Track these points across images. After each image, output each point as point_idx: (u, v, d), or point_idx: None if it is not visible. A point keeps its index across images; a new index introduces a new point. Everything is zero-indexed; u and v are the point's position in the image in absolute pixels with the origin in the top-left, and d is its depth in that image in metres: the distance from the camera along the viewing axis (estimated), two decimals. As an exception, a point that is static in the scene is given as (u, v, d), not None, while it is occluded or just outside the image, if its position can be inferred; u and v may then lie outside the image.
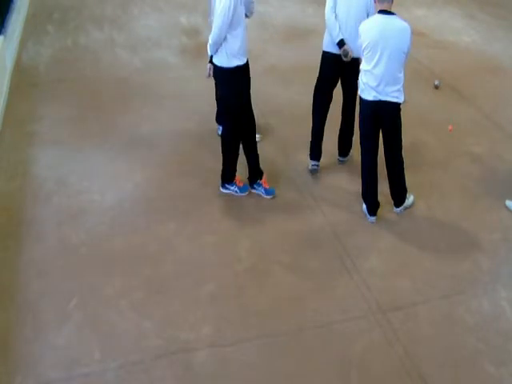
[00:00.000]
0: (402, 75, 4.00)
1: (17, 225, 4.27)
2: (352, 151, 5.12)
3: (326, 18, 4.47)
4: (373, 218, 4.38)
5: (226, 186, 4.69)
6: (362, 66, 4.06)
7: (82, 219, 4.34)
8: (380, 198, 4.37)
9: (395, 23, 3.90)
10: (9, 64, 6.39)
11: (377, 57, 3.91)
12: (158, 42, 7.27)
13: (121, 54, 7.06)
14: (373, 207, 4.37)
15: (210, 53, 4.32)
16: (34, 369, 3.23)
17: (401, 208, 4.43)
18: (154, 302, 3.67)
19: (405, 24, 3.92)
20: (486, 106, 6.18)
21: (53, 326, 3.48)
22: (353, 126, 4.92)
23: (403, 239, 4.26)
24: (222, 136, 4.63)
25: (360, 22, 4.47)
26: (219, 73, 4.31)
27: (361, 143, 4.30)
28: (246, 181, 4.74)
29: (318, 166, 4.97)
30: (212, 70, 4.42)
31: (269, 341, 3.46)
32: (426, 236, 4.32)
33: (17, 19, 7.26)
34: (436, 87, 6.44)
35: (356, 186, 4.66)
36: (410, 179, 4.20)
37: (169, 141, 5.37)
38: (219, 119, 5.28)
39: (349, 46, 4.41)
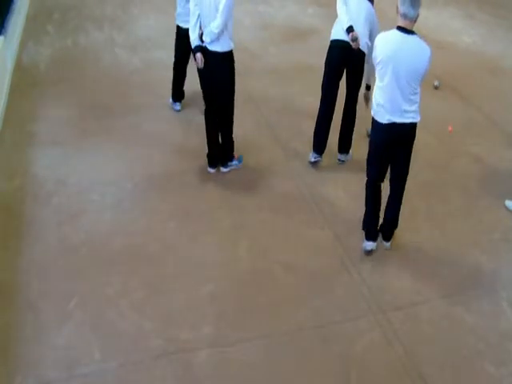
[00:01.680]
0: (416, 97, 3.67)
1: (17, 225, 4.27)
2: (352, 151, 5.12)
3: (337, 7, 4.58)
4: (371, 246, 4.10)
5: (228, 163, 4.81)
6: (376, 82, 3.77)
7: (82, 219, 4.34)
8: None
9: (413, 44, 3.54)
10: (9, 64, 6.39)
11: (388, 76, 3.60)
12: (158, 42, 7.27)
13: (121, 54, 7.06)
14: (373, 236, 4.11)
15: (207, 42, 4.36)
16: (34, 369, 3.23)
17: (389, 243, 4.16)
18: (154, 302, 3.67)
19: (424, 46, 3.55)
20: (486, 106, 6.19)
21: (53, 326, 3.48)
22: (353, 122, 4.93)
23: (403, 239, 4.26)
24: (231, 118, 4.68)
25: (369, 23, 4.53)
26: (224, 57, 4.40)
27: (368, 170, 3.99)
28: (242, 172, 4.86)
29: (320, 159, 4.99)
30: (203, 58, 4.47)
31: (269, 341, 3.46)
32: (426, 236, 4.32)
33: (17, 19, 7.26)
34: (436, 87, 6.44)
35: (356, 186, 4.67)
36: (410, 179, 4.19)
37: (169, 140, 5.37)
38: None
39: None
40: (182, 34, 5.49)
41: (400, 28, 3.54)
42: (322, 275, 3.94)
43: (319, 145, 4.96)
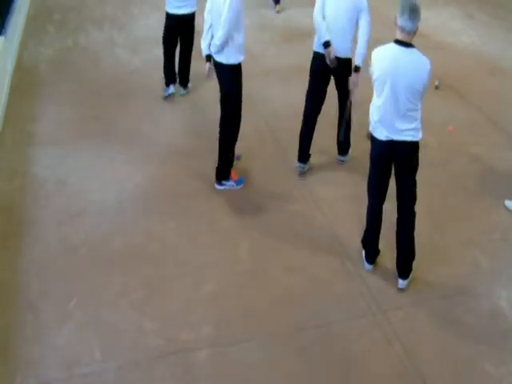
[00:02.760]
0: (417, 113, 3.46)
1: (17, 225, 4.27)
2: (351, 150, 5.12)
3: (313, 17, 4.42)
4: (370, 267, 3.98)
5: (223, 182, 4.69)
6: (373, 98, 3.57)
7: (82, 219, 4.34)
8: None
9: (411, 58, 3.34)
10: (9, 64, 6.39)
11: (385, 92, 3.41)
12: (158, 42, 7.24)
13: (121, 54, 7.07)
14: (372, 256, 3.99)
15: (212, 52, 4.32)
16: (34, 369, 3.23)
17: (407, 281, 3.81)
18: (154, 302, 3.67)
19: (423, 60, 3.35)
20: (486, 106, 6.19)
21: (53, 326, 3.48)
22: (350, 123, 4.91)
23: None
24: (228, 134, 4.57)
25: (350, 22, 4.32)
26: (227, 70, 4.32)
27: (368, 189, 3.84)
28: (242, 173, 4.79)
29: (304, 167, 4.90)
30: (212, 69, 4.43)
31: (269, 341, 3.46)
32: (426, 236, 4.31)
33: (17, 20, 7.26)
34: (436, 87, 6.44)
35: (356, 185, 4.67)
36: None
37: (169, 140, 5.37)
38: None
39: (334, 48, 4.33)
40: (168, 19, 5.91)
41: (397, 41, 3.36)
42: (322, 275, 3.94)
43: (301, 154, 4.86)
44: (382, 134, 3.53)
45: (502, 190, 4.83)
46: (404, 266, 3.80)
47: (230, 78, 4.36)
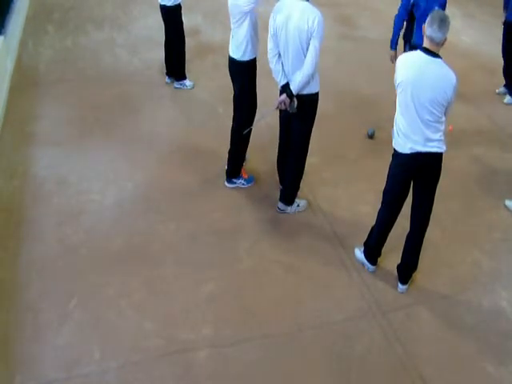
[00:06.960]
0: (441, 125, 3.36)
1: (17, 225, 4.27)
2: (349, 153, 5.12)
3: (268, 47, 4.13)
4: (373, 268, 3.99)
5: (233, 180, 4.70)
6: (396, 107, 3.44)
7: (82, 219, 4.34)
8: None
9: (437, 70, 3.23)
10: (9, 64, 6.39)
11: (408, 101, 3.31)
12: (158, 42, 7.25)
13: (121, 54, 7.06)
14: (375, 258, 3.98)
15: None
16: (34, 369, 3.23)
17: (406, 286, 3.84)
18: (154, 302, 3.67)
19: (449, 73, 3.22)
20: (486, 105, 6.18)
21: (53, 325, 3.48)
22: (298, 172, 4.43)
23: (403, 239, 4.25)
24: (239, 131, 4.54)
25: (302, 50, 3.92)
26: (237, 65, 4.35)
27: (383, 205, 3.78)
28: (251, 172, 4.79)
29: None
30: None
31: (269, 341, 3.46)
32: (426, 236, 4.30)
33: (17, 19, 7.26)
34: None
35: (356, 186, 4.67)
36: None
37: (169, 140, 5.36)
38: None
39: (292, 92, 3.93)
40: (161, 11, 6.00)
41: (425, 50, 3.25)
42: (322, 275, 3.94)
43: (280, 177, 4.65)
44: (405, 147, 3.41)
45: (502, 189, 4.83)
46: (406, 273, 3.84)
47: (241, 74, 4.38)
